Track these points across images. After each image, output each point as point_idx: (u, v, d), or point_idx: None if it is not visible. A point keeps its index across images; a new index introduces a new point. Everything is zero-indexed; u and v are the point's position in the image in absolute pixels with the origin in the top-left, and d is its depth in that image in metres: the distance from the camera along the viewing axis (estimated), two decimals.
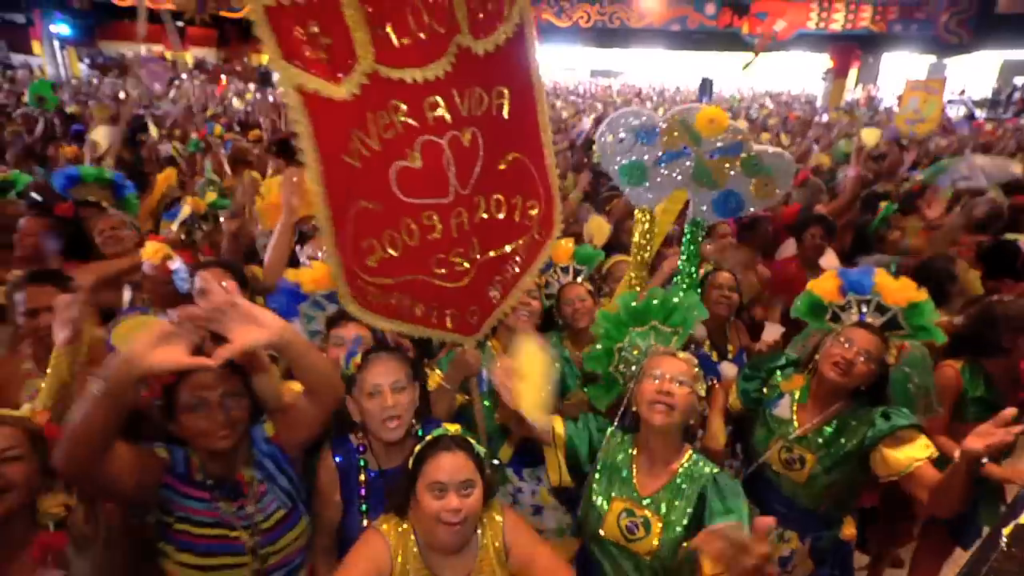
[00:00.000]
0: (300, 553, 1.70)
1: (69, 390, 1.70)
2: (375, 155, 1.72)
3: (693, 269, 2.65)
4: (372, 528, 1.56)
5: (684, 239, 2.65)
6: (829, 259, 3.66)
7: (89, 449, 1.29)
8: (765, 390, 2.18)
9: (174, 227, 3.16)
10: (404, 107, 1.69)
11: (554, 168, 2.11)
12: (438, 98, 1.73)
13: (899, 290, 2.03)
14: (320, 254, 2.54)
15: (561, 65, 23.19)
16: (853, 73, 20.64)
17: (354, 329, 2.02)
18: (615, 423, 1.90)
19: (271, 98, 13.77)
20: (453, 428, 1.57)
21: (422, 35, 1.63)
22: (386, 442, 1.74)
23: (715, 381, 2.51)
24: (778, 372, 2.18)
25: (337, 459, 1.79)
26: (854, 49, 20.24)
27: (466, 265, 1.97)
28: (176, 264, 2.32)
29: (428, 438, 1.54)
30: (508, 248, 2.09)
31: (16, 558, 1.29)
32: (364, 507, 1.75)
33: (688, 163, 2.51)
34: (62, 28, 19.68)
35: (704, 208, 2.61)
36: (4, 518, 1.33)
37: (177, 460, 1.56)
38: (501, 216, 2.02)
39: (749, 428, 2.22)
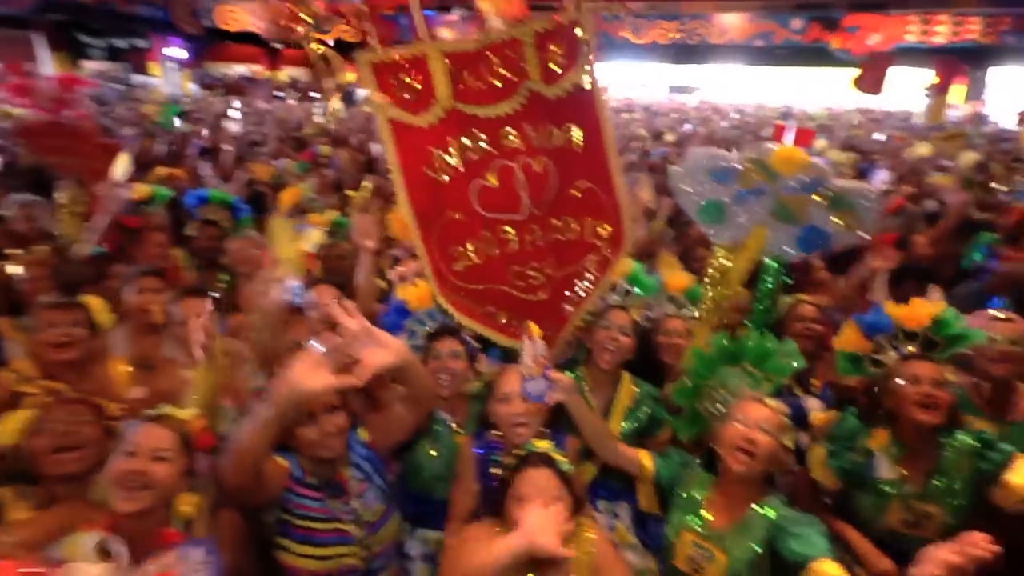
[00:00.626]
0: (396, 543, 1.93)
1: (212, 402, 1.92)
2: (458, 173, 2.18)
3: (767, 305, 2.59)
4: (474, 527, 1.69)
5: (761, 276, 2.61)
6: (933, 295, 3.43)
7: (255, 463, 1.52)
8: (853, 456, 2.06)
9: (305, 247, 3.30)
10: (481, 135, 2.16)
11: (624, 189, 2.33)
12: (510, 129, 2.17)
13: (917, 312, 2.03)
14: (406, 276, 2.72)
15: (637, 81, 23.03)
16: (958, 89, 19.19)
17: (450, 344, 2.24)
18: (698, 459, 1.93)
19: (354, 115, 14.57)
20: (542, 445, 1.68)
21: (495, 81, 2.11)
22: (515, 445, 1.89)
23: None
24: (858, 433, 2.07)
25: (478, 451, 2.02)
26: (959, 63, 18.83)
27: (541, 279, 2.29)
28: (291, 282, 2.55)
29: (518, 452, 1.67)
30: (579, 264, 2.36)
31: (142, 552, 1.38)
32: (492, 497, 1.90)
33: (767, 200, 2.49)
34: (176, 51, 21.65)
35: (785, 245, 2.55)
36: (139, 513, 1.45)
37: (294, 466, 1.76)
38: (573, 235, 2.32)
39: (849, 502, 2.10)
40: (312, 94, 21.55)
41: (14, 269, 2.89)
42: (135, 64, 24.55)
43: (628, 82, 21.86)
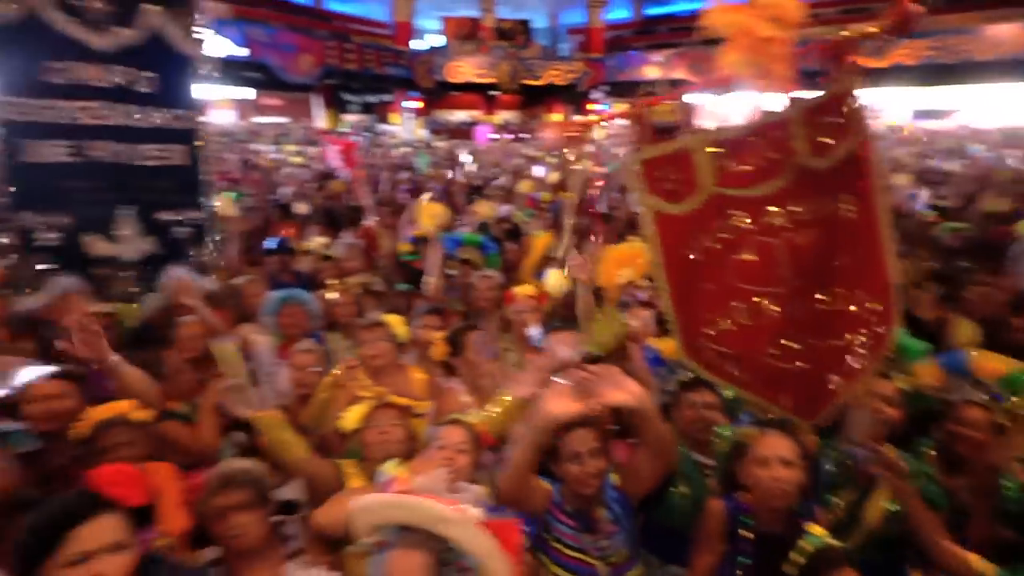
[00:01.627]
0: None
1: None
2: (714, 251, 2.19)
3: None
4: None
5: None
6: None
7: (520, 477, 1.83)
8: None
9: (547, 289, 3.56)
10: (742, 215, 2.15)
11: (894, 260, 2.21)
12: (774, 208, 2.12)
13: (990, 366, 2.23)
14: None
15: (875, 107, 20.43)
16: None
17: (705, 395, 2.36)
18: None
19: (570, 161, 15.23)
20: (818, 532, 1.79)
21: (760, 162, 2.08)
22: (770, 509, 1.90)
23: None
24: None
25: (725, 510, 2.00)
26: None
27: (799, 349, 2.19)
28: (533, 329, 2.73)
29: (805, 548, 1.76)
30: (847, 338, 2.21)
31: None
32: (741, 561, 1.91)
33: None
34: (413, 102, 25.07)
35: None
36: None
37: (555, 491, 1.98)
38: (839, 307, 2.20)
39: None
40: (522, 135, 23.12)
41: (332, 295, 3.52)
42: (380, 115, 29.00)
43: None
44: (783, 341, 2.18)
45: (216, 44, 3.49)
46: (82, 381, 2.33)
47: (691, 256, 2.21)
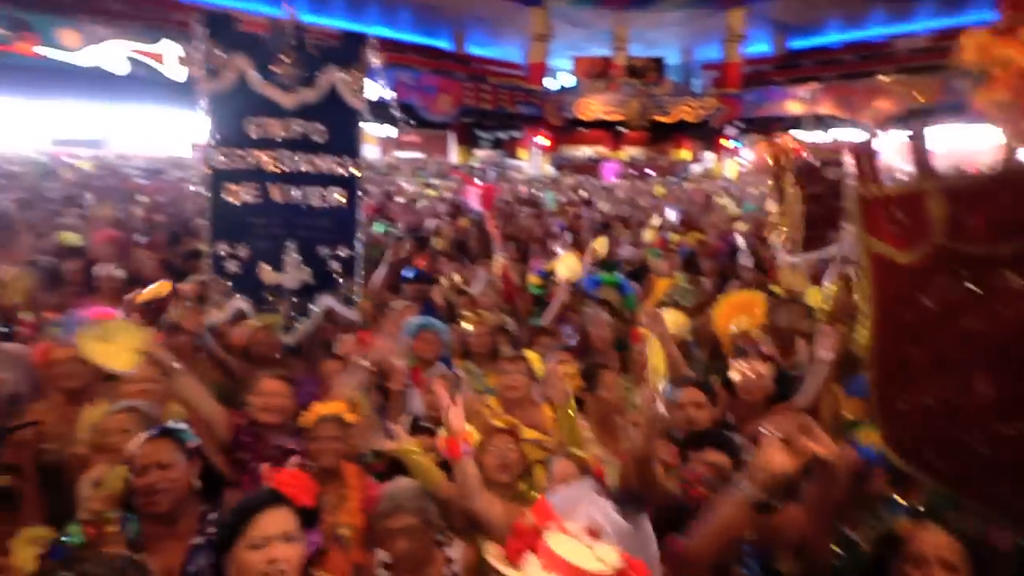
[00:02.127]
0: None
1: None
2: (931, 313, 1.94)
3: None
4: None
5: None
6: None
7: (730, 539, 1.73)
8: None
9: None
10: (971, 275, 1.90)
11: None
12: (1012, 273, 1.86)
13: None
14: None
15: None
16: None
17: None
18: None
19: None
20: None
21: (999, 217, 1.85)
22: None
23: None
24: None
25: None
26: None
27: (1016, 437, 1.91)
28: (662, 386, 2.62)
29: None
30: None
31: None
32: None
33: None
34: (541, 138, 25.81)
35: None
36: None
37: None
38: None
39: None
40: (647, 171, 22.80)
41: (466, 327, 3.71)
42: (509, 151, 30.12)
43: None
44: (997, 428, 1.91)
45: (371, 89, 3.83)
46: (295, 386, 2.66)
47: (904, 313, 2.01)
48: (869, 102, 22.64)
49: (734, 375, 2.80)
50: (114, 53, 13.68)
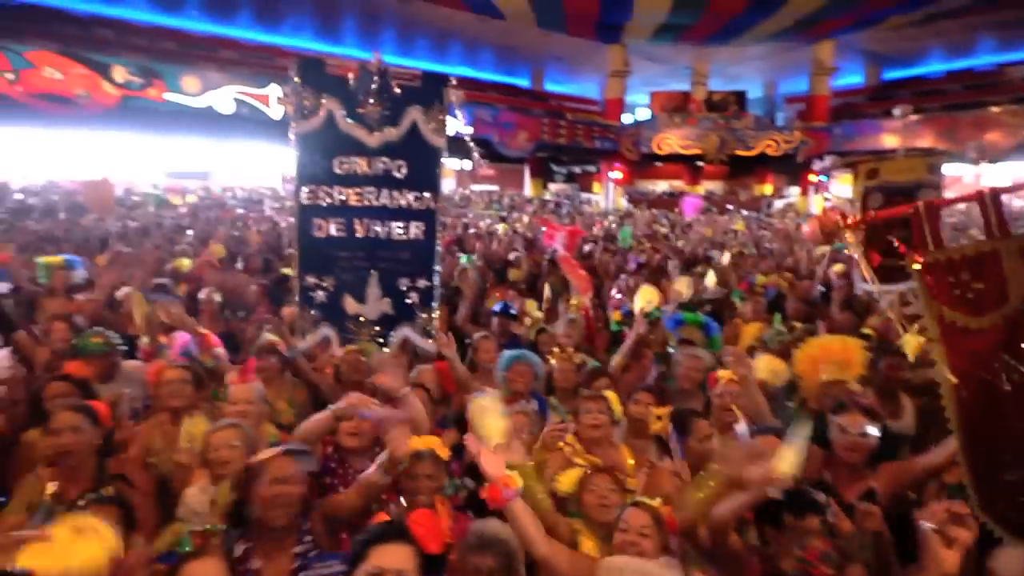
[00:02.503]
0: None
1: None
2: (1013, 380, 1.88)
3: None
4: None
5: None
6: None
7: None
8: None
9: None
10: None
11: None
12: None
13: None
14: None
15: None
16: None
17: None
18: None
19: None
20: None
21: None
22: None
23: None
24: None
25: None
26: None
27: None
28: (740, 426, 2.50)
29: None
30: None
31: None
32: None
33: None
34: (616, 173, 25.71)
35: None
36: None
37: None
38: None
39: None
40: (728, 206, 22.09)
41: (553, 362, 3.66)
42: (582, 184, 30.14)
43: None
44: None
45: (450, 126, 3.93)
46: None
47: (991, 380, 1.92)
48: (977, 134, 20.96)
49: (835, 432, 2.52)
50: (225, 95, 15.06)
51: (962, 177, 19.81)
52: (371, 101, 3.72)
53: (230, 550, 1.91)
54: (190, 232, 8.98)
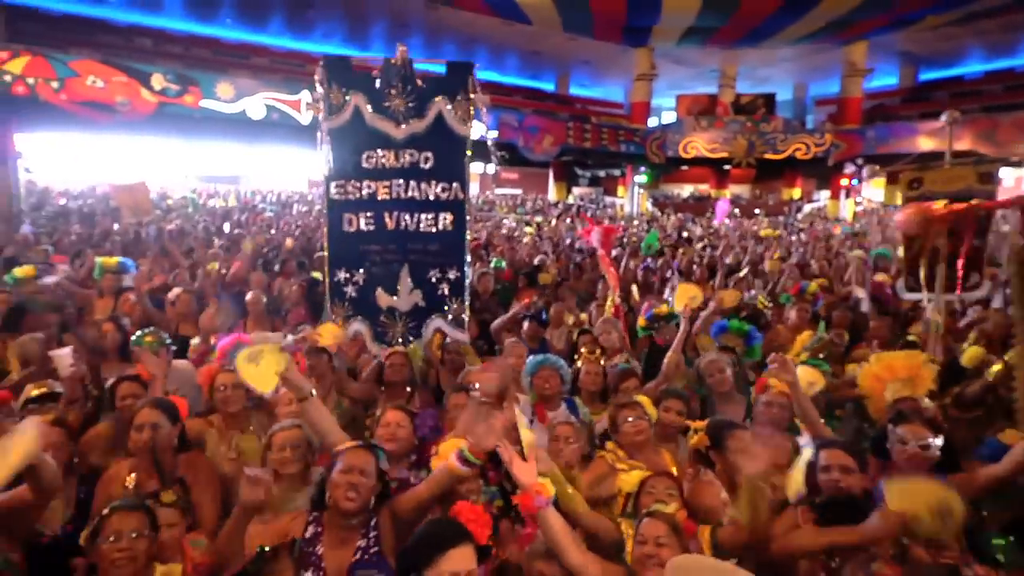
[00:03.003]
0: None
1: None
2: None
3: None
4: None
5: None
6: None
7: None
8: None
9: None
10: None
11: None
12: None
13: None
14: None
15: None
16: None
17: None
18: None
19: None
20: None
21: None
22: None
23: None
24: None
25: None
26: None
27: None
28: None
29: None
30: None
31: None
32: None
33: None
34: (641, 177, 25.47)
35: None
36: None
37: None
38: None
39: None
40: (755, 211, 21.73)
41: (580, 365, 3.63)
42: (607, 188, 29.92)
43: None
44: None
45: (476, 129, 3.91)
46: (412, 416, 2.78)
47: None
48: (1018, 136, 20.22)
49: (894, 443, 2.43)
50: (256, 101, 15.37)
51: (1005, 181, 19.17)
52: (396, 94, 3.74)
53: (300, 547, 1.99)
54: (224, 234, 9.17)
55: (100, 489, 2.35)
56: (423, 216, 3.85)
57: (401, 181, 3.82)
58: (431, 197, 3.84)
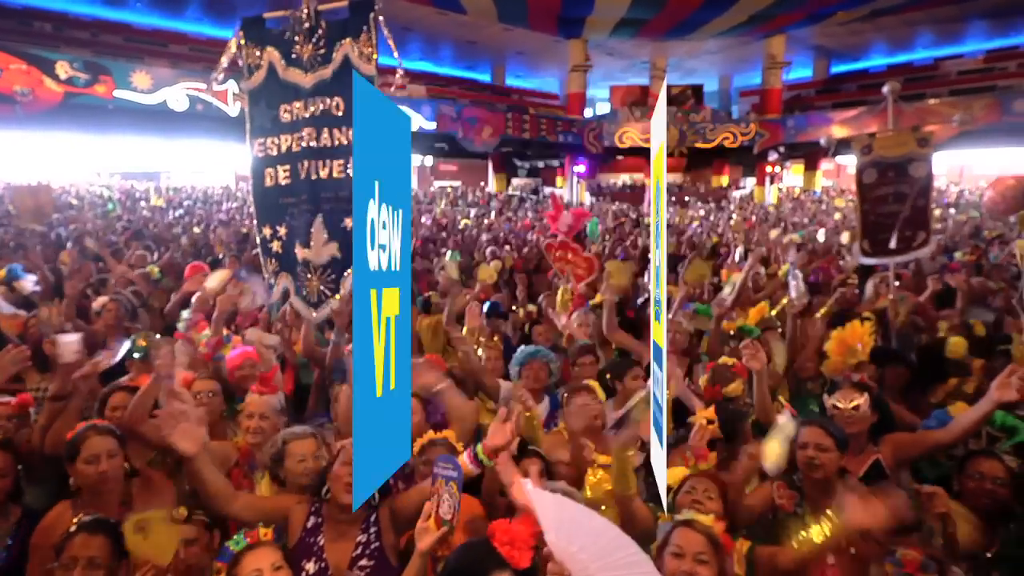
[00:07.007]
0: None
1: None
2: None
3: None
4: None
5: None
6: None
7: None
8: None
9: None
10: None
11: None
12: None
13: None
14: None
15: None
16: None
17: None
18: None
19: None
20: None
21: None
22: None
23: None
24: None
25: None
26: None
27: None
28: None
29: None
30: None
31: None
32: None
33: None
34: (580, 167, 25.85)
35: None
36: None
37: None
38: None
39: None
40: (686, 198, 22.54)
41: None
42: (546, 178, 30.15)
43: None
44: None
45: (412, 120, 3.81)
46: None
47: None
48: (918, 124, 21.96)
49: (831, 411, 2.63)
50: (178, 92, 14.44)
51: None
52: (302, 41, 3.75)
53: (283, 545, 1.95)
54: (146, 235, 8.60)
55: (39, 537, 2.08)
56: (334, 163, 3.75)
57: (312, 130, 3.74)
58: (344, 143, 3.72)
